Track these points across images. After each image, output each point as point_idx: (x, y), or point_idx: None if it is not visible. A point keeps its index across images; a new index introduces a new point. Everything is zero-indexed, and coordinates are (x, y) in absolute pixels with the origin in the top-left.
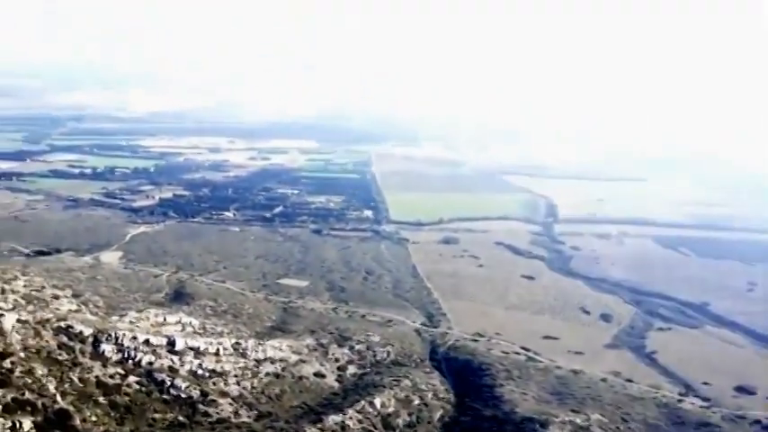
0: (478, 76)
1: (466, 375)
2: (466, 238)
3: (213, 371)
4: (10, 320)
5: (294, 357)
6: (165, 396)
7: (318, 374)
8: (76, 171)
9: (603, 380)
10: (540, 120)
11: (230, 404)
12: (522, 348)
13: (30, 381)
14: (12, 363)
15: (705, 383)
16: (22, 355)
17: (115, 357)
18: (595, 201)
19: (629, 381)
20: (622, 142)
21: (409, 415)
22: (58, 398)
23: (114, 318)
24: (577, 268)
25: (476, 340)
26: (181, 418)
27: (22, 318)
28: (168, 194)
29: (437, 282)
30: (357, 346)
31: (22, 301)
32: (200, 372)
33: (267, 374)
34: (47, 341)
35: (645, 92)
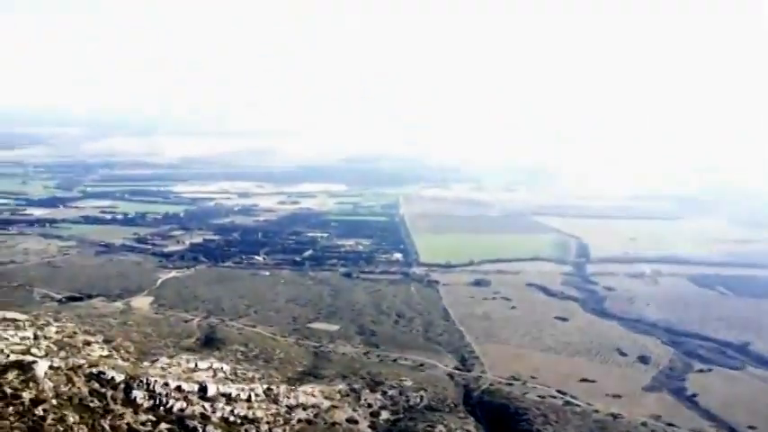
0: (505, 117)
1: (502, 420)
2: (497, 280)
3: (245, 417)
4: (42, 367)
5: (326, 403)
6: None
7: (351, 420)
8: (108, 217)
9: (644, 424)
10: (570, 158)
11: None
12: (559, 392)
13: (62, 429)
14: (44, 410)
15: (751, 427)
16: (54, 402)
17: (147, 404)
18: (628, 240)
19: (671, 425)
20: (654, 179)
21: None
22: None
23: (146, 364)
24: (612, 309)
25: (511, 384)
26: None
27: (55, 364)
28: (198, 239)
29: (469, 324)
30: (390, 392)
31: (55, 348)
32: (231, 418)
33: (299, 421)
34: (79, 388)
35: (673, 126)
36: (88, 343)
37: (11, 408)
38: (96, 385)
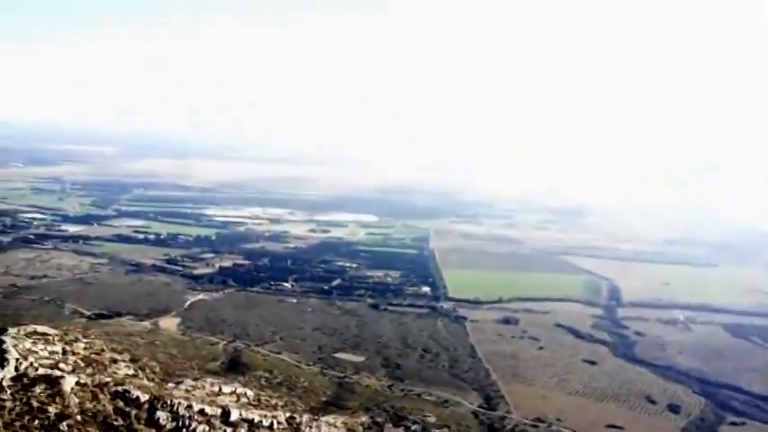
0: (538, 155)
1: None
2: (526, 319)
3: None
4: (69, 383)
5: None
6: None
7: None
8: (141, 236)
9: None
10: (603, 198)
11: None
12: None
13: None
14: (68, 426)
15: None
16: (78, 418)
17: (170, 425)
18: (661, 284)
19: None
20: (688, 224)
21: None
22: None
23: (170, 385)
24: (642, 355)
25: (536, 426)
26: None
27: (82, 380)
28: (228, 263)
29: (496, 363)
30: (413, 427)
31: (82, 364)
32: None
33: None
34: (104, 405)
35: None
36: (115, 361)
37: (36, 421)
38: (121, 404)
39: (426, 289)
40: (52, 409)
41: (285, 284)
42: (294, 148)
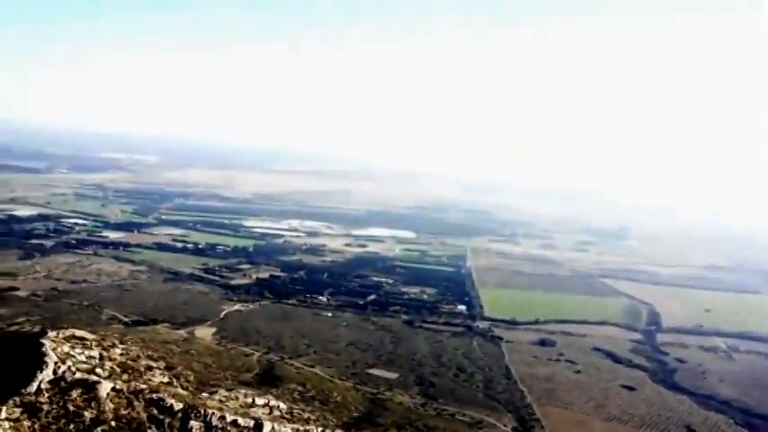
0: (581, 175)
1: None
2: (563, 341)
3: None
4: (105, 388)
5: None
6: None
7: None
8: (179, 245)
9: None
10: (645, 223)
11: None
12: None
13: None
14: (103, 431)
15: None
16: (113, 424)
17: None
18: (702, 311)
19: None
20: (729, 248)
21: None
22: None
23: (204, 394)
24: (682, 382)
25: None
26: None
27: (117, 386)
28: (265, 275)
29: (531, 385)
30: None
31: (118, 370)
32: None
33: None
34: (138, 412)
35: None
36: (150, 368)
37: (72, 425)
38: (155, 411)
39: (462, 307)
40: (88, 414)
41: (321, 298)
42: (334, 160)
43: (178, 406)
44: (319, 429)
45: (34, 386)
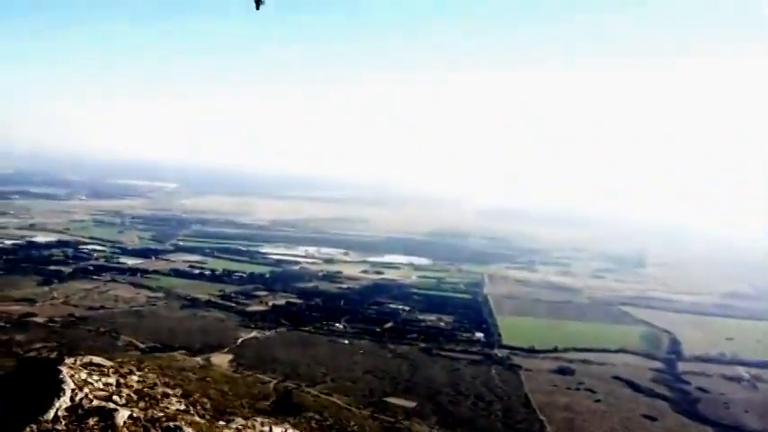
0: (600, 201)
1: None
2: (582, 370)
3: None
4: (122, 416)
5: None
6: None
7: None
8: (196, 272)
9: None
10: (663, 248)
11: None
12: None
13: None
14: None
15: None
16: None
17: None
18: (724, 339)
19: None
20: (750, 275)
21: None
22: None
23: (221, 423)
24: (705, 412)
25: None
26: None
27: (134, 414)
28: (281, 301)
29: (550, 414)
30: None
31: (135, 397)
32: None
33: None
34: None
35: None
36: (167, 395)
37: None
38: None
39: (480, 335)
40: None
41: (337, 325)
42: (350, 185)
43: None
44: None
45: (51, 413)
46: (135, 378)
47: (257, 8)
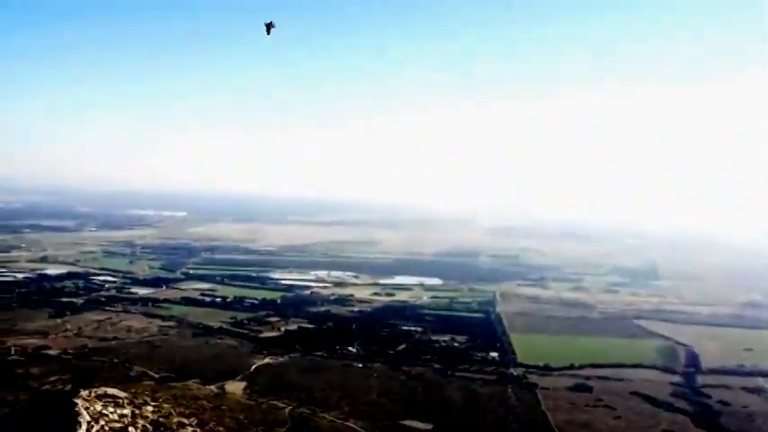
0: (610, 216)
1: None
2: (599, 386)
3: None
4: None
5: None
6: None
7: None
8: (208, 299)
9: None
10: (675, 259)
11: None
12: None
13: None
14: None
15: None
16: None
17: None
18: (743, 350)
19: None
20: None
21: None
22: None
23: None
24: (729, 426)
25: None
26: None
27: None
28: (294, 327)
29: None
30: None
31: (150, 427)
32: None
33: None
34: None
35: None
36: (182, 425)
37: None
38: None
39: (494, 354)
40: None
41: (350, 349)
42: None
43: None
44: None
45: None
46: (150, 408)
47: (268, 33)
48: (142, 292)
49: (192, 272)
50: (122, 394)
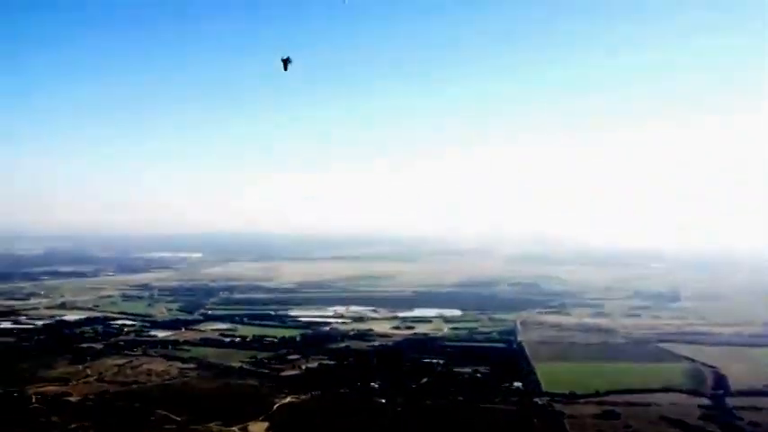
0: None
1: None
2: (627, 412)
3: None
4: None
5: None
6: None
7: None
8: (227, 340)
9: None
10: (696, 280)
11: None
12: None
13: None
14: None
15: None
16: None
17: None
18: None
19: None
20: None
21: None
22: None
23: None
24: None
25: None
26: None
27: None
28: (314, 364)
29: None
30: None
31: None
32: None
33: None
34: None
35: None
36: None
37: None
38: None
39: (518, 384)
40: None
41: (372, 384)
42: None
43: None
44: None
45: None
46: None
47: (285, 69)
48: (161, 334)
49: (210, 312)
50: None
